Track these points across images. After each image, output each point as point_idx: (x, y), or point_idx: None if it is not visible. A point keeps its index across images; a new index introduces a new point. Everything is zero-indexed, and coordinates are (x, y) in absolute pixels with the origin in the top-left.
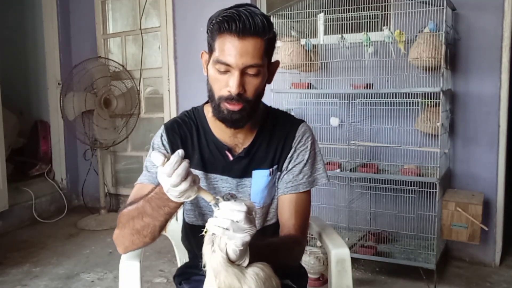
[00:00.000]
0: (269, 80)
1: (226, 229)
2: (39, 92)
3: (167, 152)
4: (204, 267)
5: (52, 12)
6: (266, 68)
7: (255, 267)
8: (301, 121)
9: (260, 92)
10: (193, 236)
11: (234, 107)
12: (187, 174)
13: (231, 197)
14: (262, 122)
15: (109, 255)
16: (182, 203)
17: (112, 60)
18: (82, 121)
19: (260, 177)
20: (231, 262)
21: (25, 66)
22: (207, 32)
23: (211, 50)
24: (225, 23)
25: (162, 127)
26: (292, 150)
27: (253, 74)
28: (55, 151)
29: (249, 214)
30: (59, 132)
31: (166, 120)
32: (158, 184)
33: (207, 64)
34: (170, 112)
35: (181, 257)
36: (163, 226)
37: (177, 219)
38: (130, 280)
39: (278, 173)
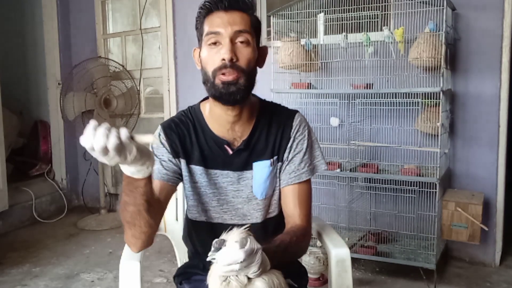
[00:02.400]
0: (260, 64)
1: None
2: (39, 92)
3: (167, 150)
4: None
5: (52, 12)
6: (255, 45)
7: (266, 275)
8: (296, 111)
9: (253, 65)
10: (196, 231)
11: (229, 76)
12: (105, 135)
13: (219, 245)
14: (258, 114)
15: (109, 255)
16: (150, 177)
17: (112, 60)
18: (82, 121)
19: (261, 169)
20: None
21: (25, 66)
22: (196, 28)
23: (201, 37)
24: (212, 3)
25: (159, 127)
26: (291, 140)
27: (243, 42)
28: (55, 151)
29: (248, 249)
30: (59, 132)
31: None
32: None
33: (200, 53)
34: (170, 112)
35: (181, 257)
36: (148, 210)
37: (177, 219)
38: (130, 280)
39: (279, 163)
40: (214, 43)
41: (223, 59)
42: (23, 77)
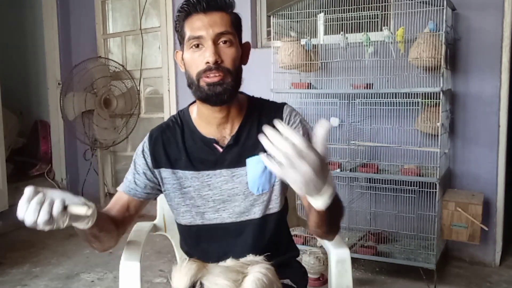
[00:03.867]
0: (244, 61)
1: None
2: (39, 92)
3: (145, 162)
4: None
5: (52, 12)
6: (238, 43)
7: (258, 273)
8: (284, 103)
9: (238, 65)
10: (190, 237)
11: (214, 78)
12: (37, 210)
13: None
14: (247, 110)
15: (109, 255)
16: (97, 216)
17: (112, 60)
18: (82, 121)
19: (255, 164)
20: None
21: (25, 66)
22: (177, 31)
23: (183, 41)
24: (190, 6)
25: (148, 134)
26: None
27: (226, 42)
28: (55, 151)
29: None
30: (59, 132)
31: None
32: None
33: (182, 56)
34: (170, 112)
35: (181, 257)
36: (101, 236)
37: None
38: (130, 280)
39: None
40: (197, 46)
41: (207, 62)
42: (23, 77)
